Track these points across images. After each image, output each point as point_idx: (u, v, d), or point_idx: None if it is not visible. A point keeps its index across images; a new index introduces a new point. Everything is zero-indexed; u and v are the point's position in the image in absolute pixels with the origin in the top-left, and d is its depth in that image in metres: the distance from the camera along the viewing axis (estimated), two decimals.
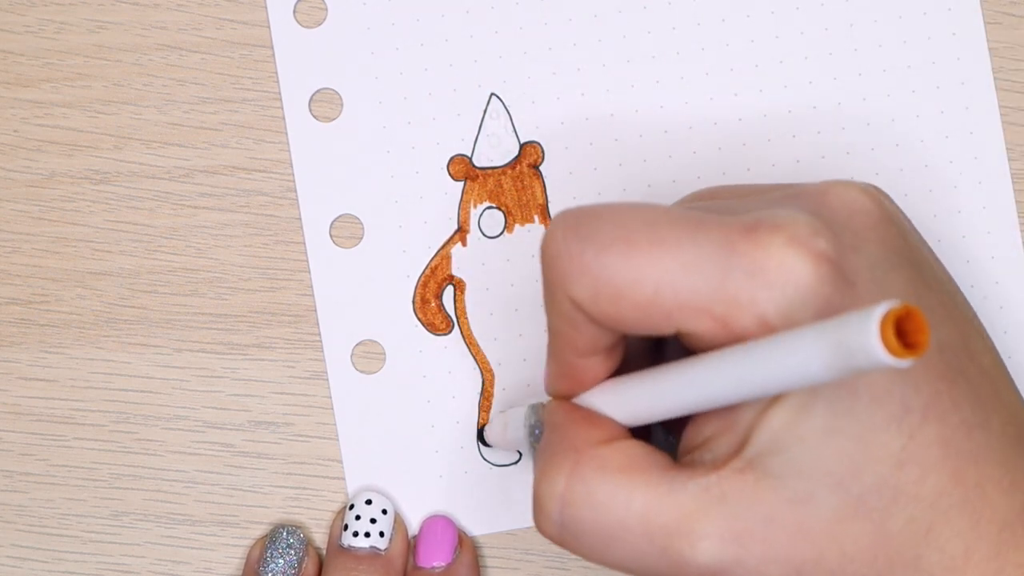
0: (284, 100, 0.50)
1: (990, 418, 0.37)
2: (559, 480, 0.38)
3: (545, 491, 0.38)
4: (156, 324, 0.50)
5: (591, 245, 0.37)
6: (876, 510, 0.36)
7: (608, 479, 0.37)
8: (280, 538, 0.48)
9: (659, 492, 0.37)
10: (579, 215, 0.38)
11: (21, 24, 0.50)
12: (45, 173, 0.50)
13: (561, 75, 0.49)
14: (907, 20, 0.49)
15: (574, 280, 0.37)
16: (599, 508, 0.37)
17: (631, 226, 0.37)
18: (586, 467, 0.37)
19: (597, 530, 0.37)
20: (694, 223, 0.36)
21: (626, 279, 0.36)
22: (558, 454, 0.38)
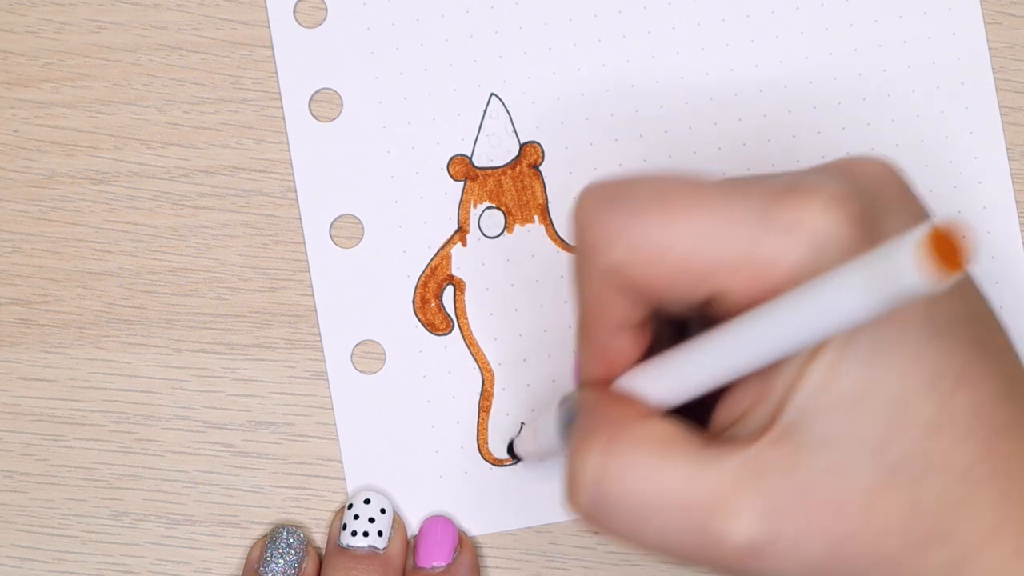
0: (284, 100, 0.50)
1: (1014, 391, 0.37)
2: (593, 456, 0.37)
3: (579, 467, 0.37)
4: (156, 324, 0.50)
5: (625, 208, 0.36)
6: (909, 480, 0.36)
7: (644, 454, 0.37)
8: (280, 538, 0.48)
9: (696, 468, 0.36)
10: (609, 183, 0.37)
11: (21, 24, 0.50)
12: (45, 173, 0.50)
13: (561, 75, 0.49)
14: (907, 20, 0.49)
15: (611, 244, 0.37)
16: (635, 483, 0.36)
17: (666, 189, 0.36)
18: (622, 442, 0.37)
19: (632, 506, 0.37)
20: (729, 186, 0.36)
21: (663, 239, 0.36)
22: (593, 431, 0.37)
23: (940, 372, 0.36)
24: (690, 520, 0.36)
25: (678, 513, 0.36)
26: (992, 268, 0.49)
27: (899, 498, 0.36)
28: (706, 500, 0.36)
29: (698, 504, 0.36)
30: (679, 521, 0.36)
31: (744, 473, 0.36)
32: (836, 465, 0.36)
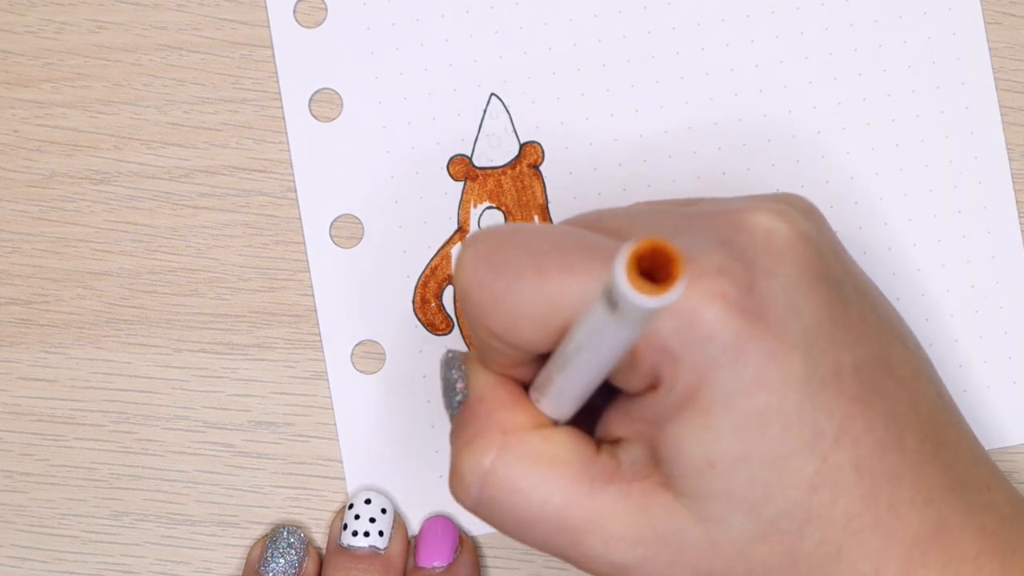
0: (284, 100, 0.50)
1: (904, 436, 0.38)
2: (483, 460, 0.38)
3: (467, 467, 0.38)
4: (156, 324, 0.50)
5: (502, 275, 0.37)
6: (788, 532, 0.37)
7: (531, 470, 0.38)
8: (281, 538, 0.48)
9: (580, 491, 0.37)
10: (488, 243, 0.37)
11: (21, 24, 0.50)
12: (45, 173, 0.50)
13: (561, 75, 0.49)
14: (907, 20, 0.49)
15: (488, 312, 0.37)
16: (518, 496, 0.38)
17: (541, 252, 0.37)
18: (511, 453, 0.38)
19: (514, 515, 0.38)
20: (603, 251, 0.37)
21: (539, 309, 0.36)
22: (484, 431, 0.38)
23: (819, 431, 0.36)
24: (566, 536, 0.38)
25: (556, 529, 0.38)
26: (992, 268, 0.49)
27: (775, 547, 0.37)
28: (583, 524, 0.37)
29: (575, 526, 0.37)
30: (556, 535, 0.38)
31: (626, 505, 0.37)
32: (714, 516, 0.37)
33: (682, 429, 0.36)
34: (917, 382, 0.39)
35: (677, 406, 0.36)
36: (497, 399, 0.39)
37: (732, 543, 0.37)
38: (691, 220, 0.38)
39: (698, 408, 0.36)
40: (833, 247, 0.40)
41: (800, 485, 0.36)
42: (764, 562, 0.37)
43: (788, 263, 0.37)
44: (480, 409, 0.39)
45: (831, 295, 0.38)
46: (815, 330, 0.37)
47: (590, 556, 0.38)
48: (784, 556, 0.37)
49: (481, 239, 0.38)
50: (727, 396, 0.36)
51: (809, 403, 0.36)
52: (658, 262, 0.29)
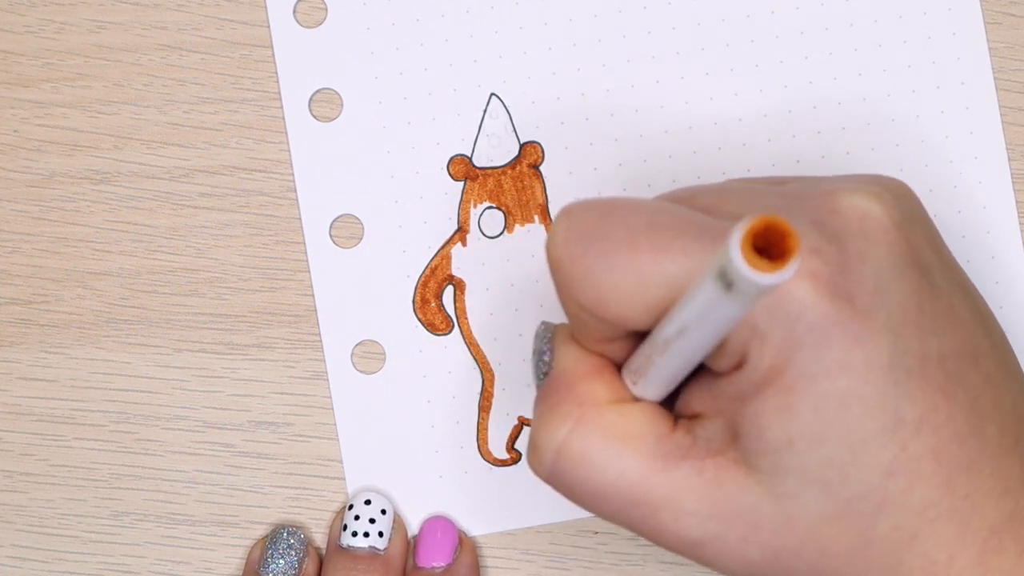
0: (284, 100, 0.50)
1: (985, 426, 0.38)
2: (559, 432, 0.38)
3: (544, 439, 0.38)
4: (156, 324, 0.50)
5: (594, 251, 0.37)
6: (862, 515, 0.37)
7: (606, 445, 0.38)
8: (281, 538, 0.48)
9: (653, 467, 0.38)
10: (582, 216, 0.38)
11: (21, 24, 0.50)
12: (45, 173, 0.50)
13: (561, 75, 0.49)
14: (907, 20, 0.49)
15: (579, 286, 0.37)
16: (592, 469, 0.38)
17: (635, 230, 0.37)
18: (588, 426, 0.38)
19: (586, 487, 0.38)
20: (698, 229, 0.37)
21: (630, 284, 0.36)
22: (563, 404, 0.39)
23: (900, 418, 0.36)
24: (638, 511, 0.38)
25: (628, 503, 0.38)
26: (992, 268, 0.49)
27: (849, 529, 0.37)
28: (656, 499, 0.38)
29: (648, 501, 0.38)
30: (629, 509, 0.38)
31: (699, 481, 0.37)
32: (789, 493, 0.37)
33: (763, 406, 0.36)
34: (1001, 375, 0.39)
35: (760, 383, 0.36)
36: (578, 372, 0.39)
37: (806, 521, 0.37)
38: (785, 200, 0.38)
39: (781, 386, 0.36)
40: (927, 233, 0.39)
41: (877, 469, 0.36)
42: (837, 542, 0.37)
43: (880, 248, 0.37)
44: (561, 381, 0.39)
45: (921, 282, 0.38)
46: (903, 317, 0.37)
47: (662, 531, 0.38)
48: (857, 538, 0.37)
49: (575, 211, 0.38)
50: (810, 376, 0.36)
51: (892, 389, 0.36)
52: (771, 239, 0.29)
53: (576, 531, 0.49)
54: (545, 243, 0.38)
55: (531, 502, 0.49)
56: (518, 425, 0.49)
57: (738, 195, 0.39)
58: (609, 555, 0.49)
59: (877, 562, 0.37)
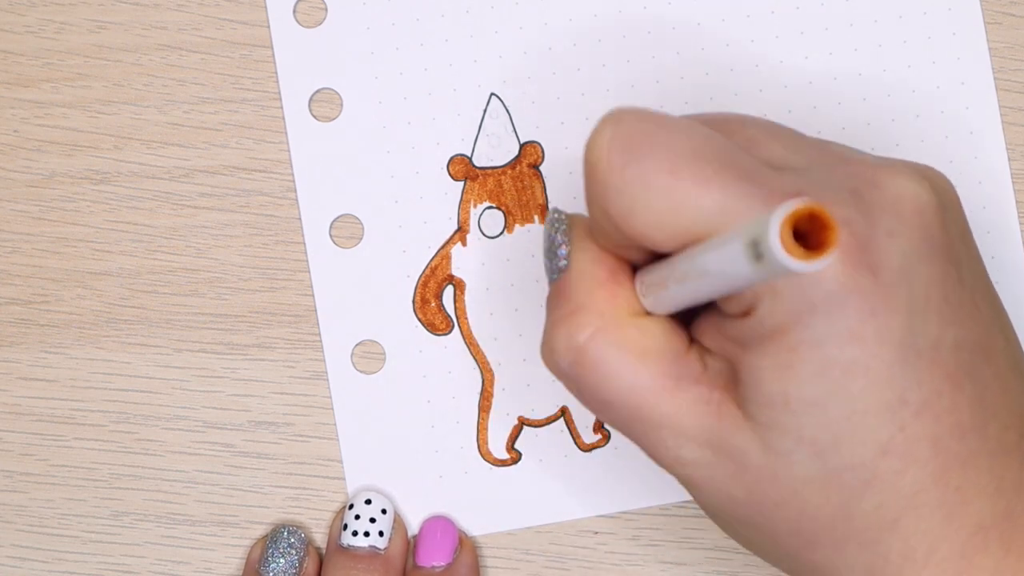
0: (284, 100, 0.50)
1: (988, 422, 0.37)
2: (578, 336, 0.38)
3: (561, 340, 0.39)
4: (156, 324, 0.50)
5: (634, 166, 0.36)
6: (848, 487, 0.37)
7: (622, 357, 0.38)
8: (281, 538, 0.48)
9: (664, 386, 0.38)
10: (630, 127, 0.37)
11: (21, 24, 0.50)
12: (45, 173, 0.50)
13: (561, 75, 0.49)
14: (907, 20, 0.49)
15: (612, 195, 0.37)
16: (605, 379, 0.38)
17: (679, 154, 0.36)
18: (607, 337, 0.38)
19: (596, 394, 0.39)
20: (740, 169, 0.36)
21: (662, 208, 0.36)
22: (583, 311, 0.39)
23: (903, 399, 0.36)
24: (643, 426, 0.38)
25: (634, 416, 0.38)
26: (992, 268, 0.49)
27: (832, 498, 0.37)
28: (661, 417, 0.38)
29: (653, 417, 0.38)
30: (632, 421, 0.39)
31: (703, 410, 0.38)
32: (780, 450, 0.37)
33: (764, 360, 0.36)
34: (1012, 375, 0.39)
35: (764, 337, 0.36)
36: (598, 277, 0.39)
37: (791, 480, 0.37)
38: (830, 159, 0.38)
39: (784, 345, 0.36)
40: (960, 227, 0.39)
41: (872, 445, 0.36)
42: (818, 508, 0.37)
43: (912, 229, 0.37)
44: (580, 284, 0.39)
45: (948, 271, 0.37)
46: (924, 300, 0.36)
47: (659, 447, 0.38)
48: (839, 509, 0.37)
49: (624, 119, 0.37)
50: (817, 341, 0.35)
51: (900, 368, 0.36)
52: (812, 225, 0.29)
53: (576, 531, 0.49)
54: (586, 144, 0.37)
55: (531, 502, 0.49)
56: (518, 425, 0.49)
57: (785, 140, 0.39)
58: (609, 555, 0.49)
59: (855, 536, 0.37)
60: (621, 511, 0.49)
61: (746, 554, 0.49)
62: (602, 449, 0.49)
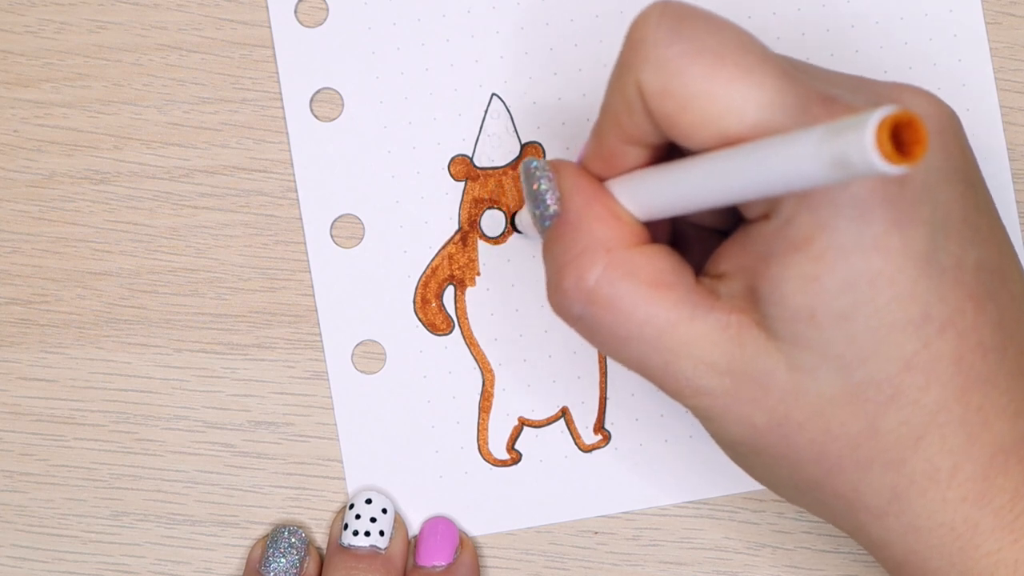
0: (285, 100, 0.50)
1: (1007, 345, 0.37)
2: (588, 276, 0.38)
3: (571, 283, 0.38)
4: (156, 324, 0.50)
5: (681, 41, 0.36)
6: (872, 403, 0.37)
7: (636, 289, 0.38)
8: (282, 538, 0.48)
9: (681, 314, 0.37)
10: (679, 11, 0.37)
11: (21, 24, 0.50)
12: (45, 173, 0.50)
13: (562, 76, 0.49)
14: (908, 21, 0.49)
15: (651, 68, 0.36)
16: (621, 314, 0.38)
17: (726, 43, 0.36)
18: (616, 271, 0.38)
19: (612, 331, 0.38)
20: (782, 70, 0.36)
21: (700, 90, 0.36)
22: (588, 249, 0.38)
23: (928, 314, 0.36)
24: (660, 356, 0.38)
25: (652, 348, 0.38)
26: None
27: (857, 414, 0.37)
28: (679, 346, 0.38)
29: (671, 347, 0.38)
30: (651, 353, 0.38)
31: (722, 335, 0.37)
32: (804, 367, 0.37)
33: (789, 271, 0.36)
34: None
35: (788, 246, 0.36)
36: (594, 214, 0.39)
37: (816, 397, 0.37)
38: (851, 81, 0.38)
39: (810, 254, 0.35)
40: (971, 152, 0.39)
41: (896, 360, 0.36)
42: (843, 425, 0.37)
43: (935, 150, 0.37)
44: (580, 224, 0.39)
45: (967, 193, 0.37)
46: (946, 218, 0.36)
47: (678, 378, 0.38)
48: (863, 426, 0.37)
49: (673, 4, 0.37)
50: (843, 249, 0.35)
51: (924, 283, 0.36)
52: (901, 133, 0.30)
53: (576, 531, 0.49)
54: (633, 21, 0.37)
55: (531, 502, 0.49)
56: (518, 425, 0.49)
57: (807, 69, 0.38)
58: (609, 555, 0.49)
59: (880, 456, 0.37)
60: (621, 511, 0.49)
61: (746, 553, 0.49)
62: (602, 449, 0.49)
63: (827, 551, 0.49)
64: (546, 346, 0.49)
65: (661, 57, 0.36)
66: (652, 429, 0.49)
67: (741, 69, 0.36)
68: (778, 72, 0.36)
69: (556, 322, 0.49)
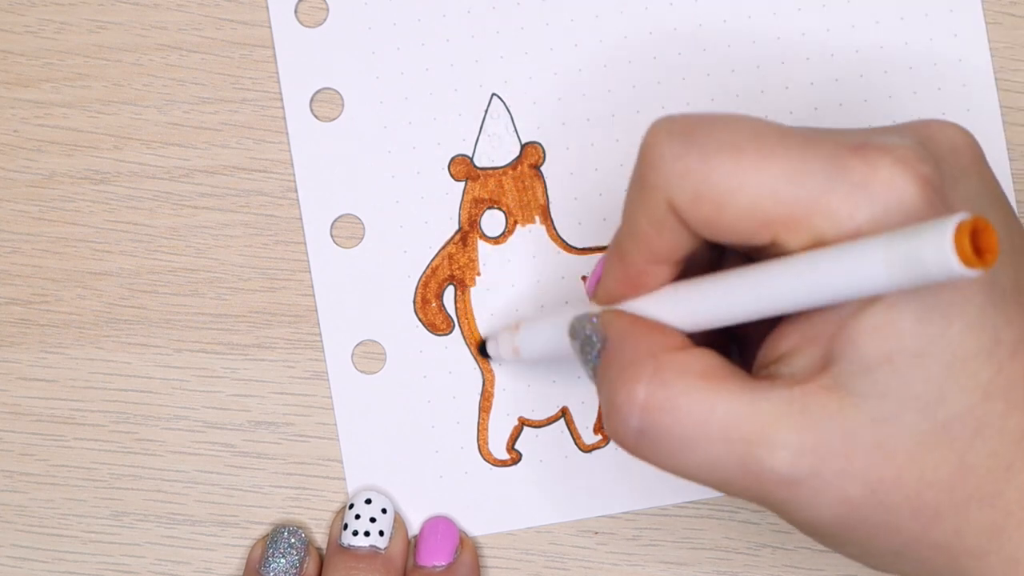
0: (285, 100, 0.50)
1: None
2: (639, 387, 0.37)
3: (624, 399, 0.37)
4: (156, 324, 0.50)
5: (697, 149, 0.36)
6: (959, 439, 0.36)
7: (691, 385, 0.37)
8: (281, 538, 0.48)
9: (741, 400, 0.36)
10: (684, 120, 0.37)
11: (21, 24, 0.50)
12: (45, 173, 0.50)
13: (562, 75, 0.49)
14: (908, 22, 0.49)
15: (677, 182, 0.36)
16: (680, 414, 0.37)
17: (740, 134, 0.36)
18: (667, 372, 0.37)
19: (676, 436, 0.37)
20: (802, 137, 0.36)
21: (731, 185, 0.36)
22: (635, 362, 0.38)
23: (998, 338, 0.36)
24: (732, 451, 0.36)
25: (721, 444, 0.36)
26: None
27: (947, 454, 0.36)
28: (750, 432, 0.36)
29: (741, 436, 0.36)
30: (721, 451, 0.37)
31: (789, 410, 0.36)
32: (886, 416, 0.36)
33: (864, 323, 0.35)
34: None
35: (863, 301, 0.35)
36: (638, 331, 0.38)
37: (903, 446, 0.36)
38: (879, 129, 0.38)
39: (885, 300, 0.35)
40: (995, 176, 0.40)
41: (974, 391, 0.36)
42: (935, 469, 0.36)
43: (972, 176, 0.37)
44: (624, 344, 0.38)
45: (1008, 217, 0.38)
46: None
47: (758, 473, 0.37)
48: (955, 465, 0.36)
49: (674, 117, 0.37)
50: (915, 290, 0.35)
51: (991, 308, 0.36)
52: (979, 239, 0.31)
53: (576, 531, 0.49)
54: (642, 142, 0.37)
55: (531, 502, 0.49)
56: (518, 426, 0.49)
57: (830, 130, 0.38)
58: (609, 555, 0.49)
59: (975, 493, 0.37)
60: (621, 511, 0.49)
61: (746, 553, 0.49)
62: (602, 449, 0.49)
63: (827, 551, 0.49)
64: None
65: (684, 167, 0.36)
66: None
67: (762, 153, 0.36)
68: (798, 142, 0.36)
69: None
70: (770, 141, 0.36)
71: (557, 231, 0.49)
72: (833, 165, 0.35)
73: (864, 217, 0.35)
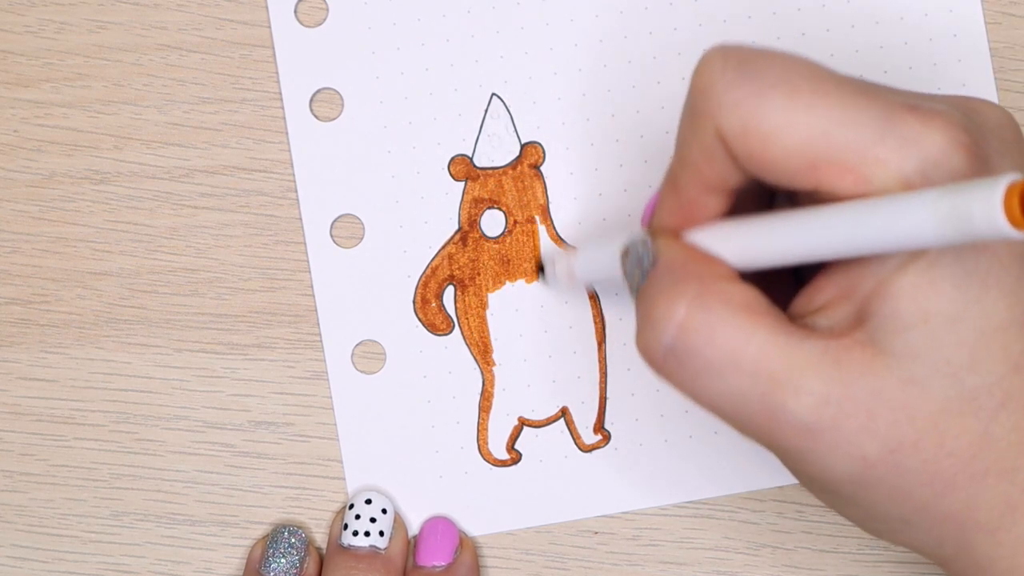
0: (285, 100, 0.50)
1: None
2: (680, 305, 0.37)
3: (663, 313, 0.37)
4: (156, 324, 0.50)
5: (752, 80, 0.36)
6: (984, 409, 0.36)
7: (732, 313, 0.37)
8: (282, 538, 0.48)
9: (777, 341, 0.36)
10: (740, 51, 0.37)
11: (21, 24, 0.50)
12: (45, 173, 0.50)
13: (562, 75, 0.49)
14: (908, 22, 0.49)
15: (727, 112, 0.36)
16: (716, 340, 0.37)
17: (796, 73, 0.36)
18: (711, 297, 0.37)
19: (706, 361, 0.37)
20: (858, 86, 0.36)
21: (782, 121, 0.36)
22: (682, 281, 0.37)
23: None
24: (757, 386, 0.36)
25: (748, 377, 0.36)
26: None
27: (970, 424, 0.36)
28: (779, 372, 0.36)
29: (770, 374, 0.36)
30: (747, 385, 0.37)
31: (822, 360, 0.36)
32: (914, 378, 0.36)
33: (904, 281, 0.35)
34: None
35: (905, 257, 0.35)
36: (689, 256, 0.38)
37: (928, 410, 0.36)
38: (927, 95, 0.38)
39: (925, 260, 0.35)
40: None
41: (1005, 362, 0.36)
42: (957, 437, 0.36)
43: (1015, 152, 0.37)
44: (674, 266, 0.38)
45: None
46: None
47: (779, 412, 0.36)
48: (977, 435, 0.36)
49: (732, 46, 0.37)
50: (956, 250, 0.35)
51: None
52: None
53: (576, 531, 0.49)
54: (694, 70, 0.37)
55: (531, 502, 0.49)
56: (518, 425, 0.49)
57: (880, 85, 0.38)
58: (609, 555, 0.49)
59: (994, 466, 0.37)
60: (621, 511, 0.49)
61: (746, 553, 0.49)
62: (602, 449, 0.49)
63: (827, 551, 0.49)
64: (546, 346, 0.49)
65: (735, 98, 0.36)
66: (652, 429, 0.49)
67: (818, 94, 0.36)
68: (855, 89, 0.36)
69: (556, 322, 0.49)
70: (826, 84, 0.36)
71: (557, 231, 0.49)
72: (887, 117, 0.36)
73: (912, 170, 0.35)
